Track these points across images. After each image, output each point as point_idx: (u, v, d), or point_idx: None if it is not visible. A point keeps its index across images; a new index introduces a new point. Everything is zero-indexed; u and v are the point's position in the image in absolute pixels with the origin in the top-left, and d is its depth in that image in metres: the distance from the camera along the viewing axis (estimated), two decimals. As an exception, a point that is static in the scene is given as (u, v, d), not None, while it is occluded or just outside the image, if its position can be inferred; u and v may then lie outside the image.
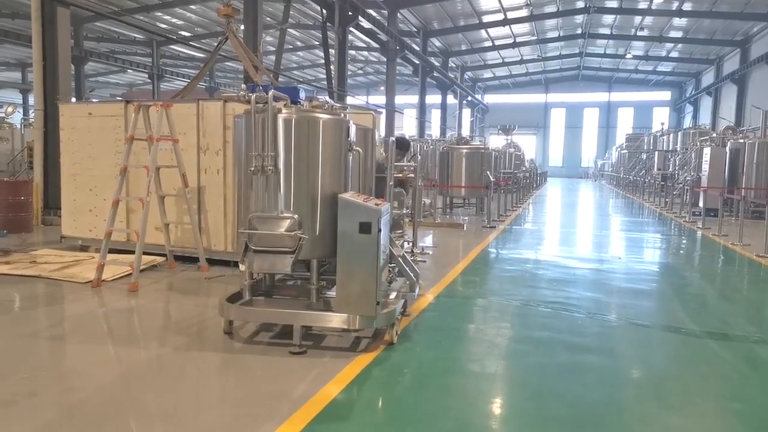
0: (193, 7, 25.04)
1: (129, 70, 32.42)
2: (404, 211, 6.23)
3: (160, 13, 25.89)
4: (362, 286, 4.41)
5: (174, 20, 27.25)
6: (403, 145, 7.07)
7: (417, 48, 29.01)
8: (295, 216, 4.47)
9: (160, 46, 31.14)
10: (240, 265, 4.87)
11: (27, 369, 4.19)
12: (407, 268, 5.49)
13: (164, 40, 29.35)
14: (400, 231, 6.22)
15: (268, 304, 5.06)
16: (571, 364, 4.57)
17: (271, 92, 4.38)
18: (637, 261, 9.66)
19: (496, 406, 3.88)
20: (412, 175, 6.55)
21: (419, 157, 7.08)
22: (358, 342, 4.82)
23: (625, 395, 4.05)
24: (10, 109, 18.72)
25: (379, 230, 4.35)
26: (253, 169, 4.44)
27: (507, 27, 31.84)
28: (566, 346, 5.01)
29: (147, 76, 32.30)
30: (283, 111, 4.53)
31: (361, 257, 4.40)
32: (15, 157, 16.22)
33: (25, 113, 32.68)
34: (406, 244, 6.34)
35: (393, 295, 5.03)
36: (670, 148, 26.31)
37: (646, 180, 24.70)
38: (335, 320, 4.53)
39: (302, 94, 4.95)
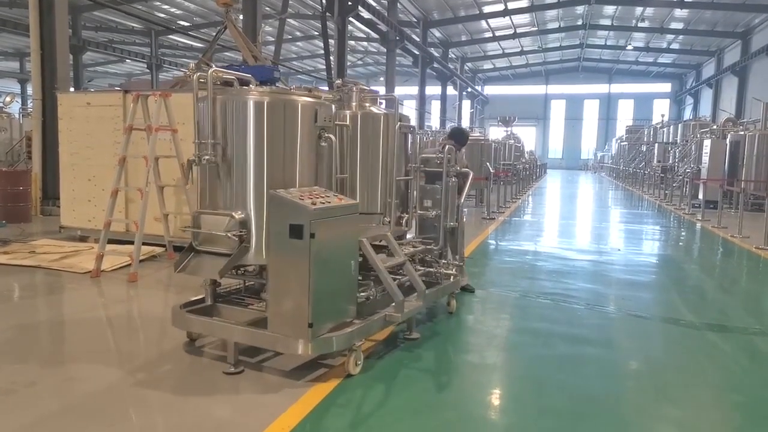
0: (191, -4, 24.88)
1: (127, 60, 32.25)
2: (433, 214, 5.40)
3: (158, 3, 25.72)
4: (294, 302, 3.63)
5: (172, 10, 27.08)
6: (460, 137, 6.65)
7: (417, 38, 28.87)
8: (236, 214, 3.84)
9: (159, 36, 30.97)
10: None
11: (23, 358, 4.19)
12: (413, 281, 4.66)
13: (163, 30, 29.18)
14: (433, 237, 5.39)
15: (221, 312, 4.35)
16: (570, 356, 4.58)
17: (210, 71, 3.85)
18: (636, 253, 9.66)
19: (495, 397, 3.89)
20: (465, 169, 5.86)
21: (463, 150, 6.68)
22: (316, 366, 4.00)
23: (624, 387, 4.05)
24: (8, 99, 18.64)
25: (312, 235, 3.54)
26: (192, 158, 3.94)
27: (507, 17, 31.67)
28: (565, 337, 5.01)
29: (146, 65, 32.12)
30: (252, 93, 3.94)
31: (292, 267, 3.63)
32: (13, 147, 16.17)
33: (24, 103, 32.55)
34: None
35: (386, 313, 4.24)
36: (670, 140, 26.25)
37: (646, 172, 24.67)
38: (266, 340, 3.82)
39: (276, 74, 4.38)
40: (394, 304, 4.31)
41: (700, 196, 15.38)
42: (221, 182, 3.95)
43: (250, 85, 4.09)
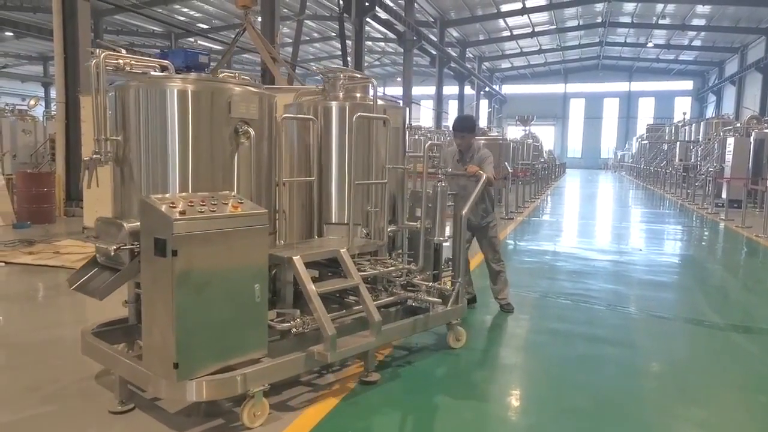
0: (210, -2, 25.16)
1: (148, 63, 32.63)
2: (417, 226, 4.30)
3: (178, 6, 26.03)
4: (161, 335, 2.96)
5: (192, 12, 27.38)
6: (464, 125, 5.36)
7: (434, 38, 28.80)
8: (128, 223, 3.19)
9: (179, 39, 31.33)
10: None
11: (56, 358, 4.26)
12: (368, 310, 3.68)
13: (182, 33, 29.50)
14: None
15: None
16: (591, 356, 4.53)
17: (103, 54, 3.23)
18: (658, 253, 9.53)
19: (516, 397, 3.86)
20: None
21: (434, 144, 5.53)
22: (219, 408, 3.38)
23: (647, 387, 4.00)
24: (32, 102, 18.99)
25: (174, 252, 2.81)
26: (87, 159, 3.33)
27: (525, 16, 31.43)
28: (586, 338, 4.96)
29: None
30: (175, 81, 3.33)
31: (157, 291, 2.96)
32: (38, 149, 16.46)
33: (47, 106, 33.14)
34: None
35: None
36: (692, 139, 25.83)
37: (668, 171, 24.32)
38: (141, 377, 3.14)
39: (202, 58, 3.66)
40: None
41: (724, 195, 15.12)
42: (121, 185, 3.41)
43: (168, 72, 3.49)
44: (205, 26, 28.81)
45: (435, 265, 4.48)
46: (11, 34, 25.26)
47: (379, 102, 4.09)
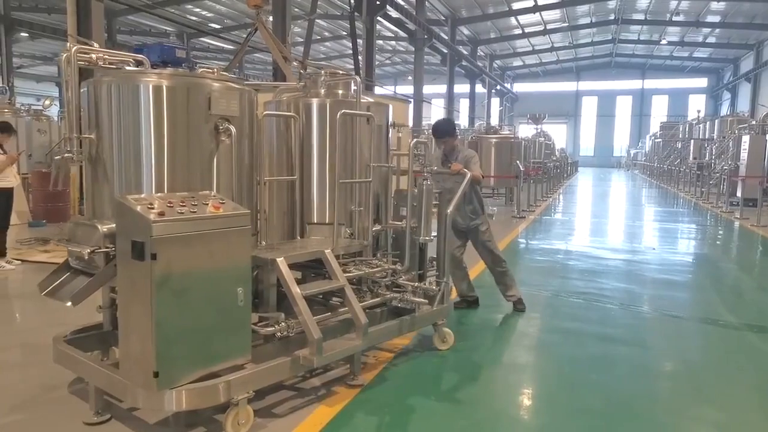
0: (222, -2, 25.28)
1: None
2: (402, 225, 4.23)
3: (190, 6, 26.16)
4: (140, 342, 2.83)
5: (204, 12, 27.51)
6: (443, 131, 5.32)
7: (445, 37, 28.71)
8: (103, 225, 3.04)
9: (191, 39, 31.50)
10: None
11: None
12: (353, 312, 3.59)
13: (195, 33, 29.66)
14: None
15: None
16: (604, 356, 4.51)
17: (74, 48, 3.09)
18: (671, 252, 9.44)
19: (527, 397, 3.85)
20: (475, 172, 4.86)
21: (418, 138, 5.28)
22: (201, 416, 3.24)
23: (661, 387, 3.97)
24: (47, 102, 19.19)
25: (153, 256, 2.69)
26: (58, 158, 3.24)
27: (537, 14, 31.23)
28: (599, 337, 4.93)
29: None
30: (150, 76, 3.19)
31: (136, 296, 2.82)
32: (53, 148, 16.65)
33: (62, 106, 33.48)
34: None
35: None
36: (707, 137, 25.55)
37: (681, 169, 24.08)
38: (119, 387, 2.99)
39: (178, 53, 3.54)
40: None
41: (739, 194, 14.94)
42: (96, 185, 3.26)
43: (143, 67, 3.36)
44: (216, 26, 28.94)
45: (420, 265, 4.40)
46: (26, 35, 25.53)
47: (363, 99, 4.01)
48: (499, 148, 15.55)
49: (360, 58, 18.81)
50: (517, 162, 14.48)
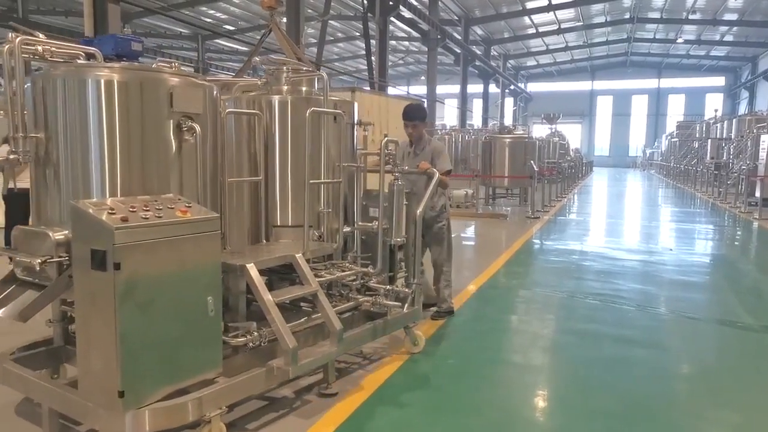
0: (236, 0, 25.43)
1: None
2: (374, 226, 4.07)
3: (205, 8, 26.38)
4: (102, 359, 2.58)
5: (218, 14, 27.72)
6: (416, 114, 4.97)
7: (458, 37, 28.64)
8: (54, 233, 2.76)
9: (206, 41, 31.74)
10: None
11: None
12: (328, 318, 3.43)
13: (209, 35, 29.88)
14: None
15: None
16: (620, 358, 4.46)
17: (18, 39, 2.78)
18: (688, 252, 9.32)
19: (543, 398, 3.82)
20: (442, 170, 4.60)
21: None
22: None
23: (678, 389, 3.92)
24: None
25: (117, 265, 2.47)
26: (2, 159, 2.89)
27: (551, 13, 31.05)
28: (615, 339, 4.88)
29: (193, 69, 32.97)
30: (101, 69, 2.89)
31: (97, 310, 2.58)
32: None
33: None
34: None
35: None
36: (724, 136, 25.22)
37: (698, 169, 23.80)
38: (78, 408, 2.75)
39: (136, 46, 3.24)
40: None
41: (757, 194, 14.71)
42: (46, 189, 2.96)
43: (94, 60, 3.08)
44: (231, 27, 29.15)
45: (390, 267, 4.26)
46: (44, 37, 25.99)
47: (329, 96, 3.82)
48: (513, 148, 15.47)
49: (373, 58, 18.82)
50: (531, 162, 14.40)
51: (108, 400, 2.57)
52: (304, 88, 3.98)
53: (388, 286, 4.08)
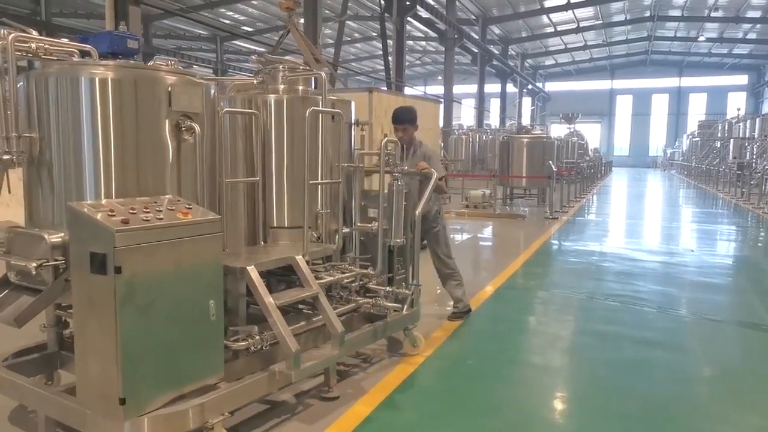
0: (254, 2, 25.62)
1: (195, 66, 33.53)
2: (374, 227, 4.01)
3: (223, 9, 26.63)
4: (101, 366, 2.52)
5: (236, 16, 27.97)
6: (405, 117, 4.83)
7: (476, 36, 28.53)
8: (50, 235, 2.68)
9: (224, 42, 32.03)
10: None
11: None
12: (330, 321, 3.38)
13: (228, 36, 30.15)
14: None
15: (70, 365, 3.21)
16: (640, 360, 4.41)
17: (11, 36, 2.69)
18: (710, 254, 9.19)
19: (561, 400, 3.79)
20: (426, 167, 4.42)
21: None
22: None
23: (700, 392, 3.88)
24: None
25: (117, 269, 2.40)
26: None
27: (570, 12, 30.78)
28: (635, 340, 4.83)
29: (212, 70, 33.28)
30: (97, 68, 2.80)
31: (96, 315, 2.52)
32: None
33: None
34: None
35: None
36: (747, 135, 24.80)
37: (721, 169, 23.42)
38: (75, 416, 2.66)
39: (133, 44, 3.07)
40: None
41: (781, 194, 14.46)
42: (40, 190, 2.86)
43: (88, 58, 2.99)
44: (249, 29, 29.38)
45: (389, 268, 4.21)
46: (66, 40, 26.44)
47: (326, 96, 3.74)
48: (531, 148, 15.39)
49: (390, 58, 18.83)
50: (550, 162, 14.30)
51: (107, 408, 2.50)
52: (300, 87, 3.90)
53: (388, 288, 4.03)
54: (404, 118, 4.83)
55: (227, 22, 28.57)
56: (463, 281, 5.19)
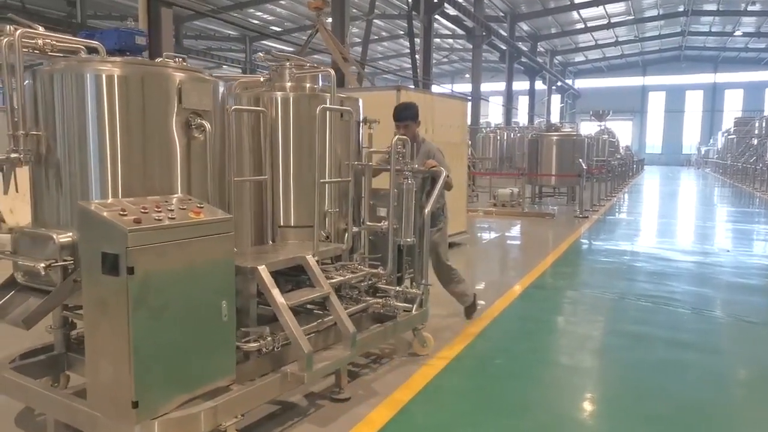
0: (282, 2, 25.86)
1: (224, 66, 34.01)
2: (383, 226, 3.97)
3: (252, 10, 26.95)
4: (113, 368, 2.48)
5: (265, 16, 28.27)
6: (407, 114, 4.65)
7: (504, 33, 28.26)
8: (59, 235, 2.63)
9: (253, 42, 32.40)
10: None
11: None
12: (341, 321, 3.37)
13: (257, 36, 30.49)
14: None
15: (78, 367, 3.17)
16: (673, 361, 4.33)
17: (18, 32, 2.62)
18: (747, 254, 8.95)
19: (592, 401, 3.75)
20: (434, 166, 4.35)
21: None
22: None
23: (736, 395, 3.79)
24: None
25: (130, 269, 2.36)
26: (2, 158, 2.73)
27: (601, 7, 30.27)
28: (668, 342, 4.74)
29: (241, 71, 33.69)
30: (104, 64, 2.74)
31: (107, 317, 2.47)
32: None
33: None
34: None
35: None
36: (786, 132, 24.06)
37: (758, 167, 22.77)
38: (85, 420, 2.62)
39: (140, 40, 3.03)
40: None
41: (822, 193, 13.99)
42: (47, 189, 2.80)
43: (96, 55, 2.93)
44: (277, 29, 29.66)
45: (398, 268, 4.15)
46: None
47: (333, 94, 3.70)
48: (560, 146, 15.18)
49: (417, 56, 18.80)
50: (580, 160, 14.10)
51: (120, 411, 2.46)
52: (308, 85, 3.84)
53: (398, 288, 4.01)
54: (405, 115, 4.68)
55: (256, 22, 28.89)
56: (461, 277, 5.04)
